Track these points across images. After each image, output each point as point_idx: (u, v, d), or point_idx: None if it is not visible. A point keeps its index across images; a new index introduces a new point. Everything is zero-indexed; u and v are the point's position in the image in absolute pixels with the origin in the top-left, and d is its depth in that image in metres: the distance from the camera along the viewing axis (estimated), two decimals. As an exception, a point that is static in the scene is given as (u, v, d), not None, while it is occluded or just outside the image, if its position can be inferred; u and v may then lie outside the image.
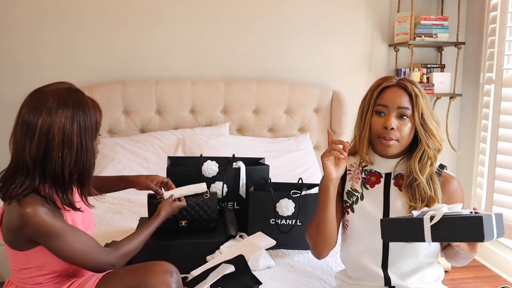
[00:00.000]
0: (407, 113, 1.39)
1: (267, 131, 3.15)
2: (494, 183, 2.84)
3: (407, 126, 1.39)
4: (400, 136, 1.39)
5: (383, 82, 1.43)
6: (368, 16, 3.28)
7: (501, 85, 2.82)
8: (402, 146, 1.41)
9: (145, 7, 3.05)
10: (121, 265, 1.44)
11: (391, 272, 1.45)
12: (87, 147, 1.34)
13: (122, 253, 1.44)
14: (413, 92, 1.39)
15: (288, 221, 1.85)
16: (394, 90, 1.41)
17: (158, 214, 1.62)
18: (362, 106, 1.46)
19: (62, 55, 3.00)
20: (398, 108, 1.39)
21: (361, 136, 1.45)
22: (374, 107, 1.42)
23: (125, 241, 1.48)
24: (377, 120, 1.41)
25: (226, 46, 3.16)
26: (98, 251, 1.38)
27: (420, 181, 1.39)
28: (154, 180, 1.76)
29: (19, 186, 1.29)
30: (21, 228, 1.28)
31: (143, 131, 3.05)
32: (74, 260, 1.35)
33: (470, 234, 1.14)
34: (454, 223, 1.16)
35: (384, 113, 1.40)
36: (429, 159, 1.41)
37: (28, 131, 1.28)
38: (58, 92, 1.32)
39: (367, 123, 1.43)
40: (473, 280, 2.91)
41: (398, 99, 1.39)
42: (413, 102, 1.39)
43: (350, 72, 3.29)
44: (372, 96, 1.43)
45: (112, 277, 1.36)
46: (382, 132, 1.40)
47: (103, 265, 1.39)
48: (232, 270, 1.58)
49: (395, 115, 1.39)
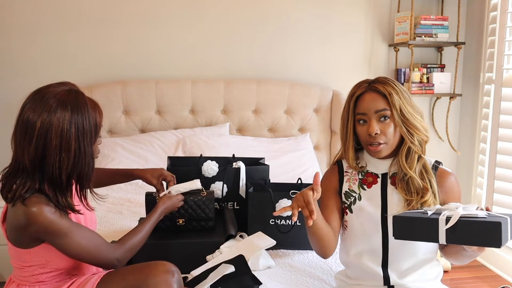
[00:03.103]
0: (387, 114, 1.40)
1: (267, 131, 3.15)
2: (494, 183, 2.84)
3: (390, 127, 1.41)
4: (386, 138, 1.41)
5: (357, 90, 1.45)
6: (368, 16, 3.28)
7: (501, 85, 2.83)
8: (392, 146, 1.43)
9: (145, 7, 3.05)
10: (127, 260, 1.46)
11: (391, 271, 1.45)
12: (86, 151, 1.33)
13: (128, 248, 1.45)
14: (386, 92, 1.40)
15: (288, 221, 1.85)
16: (368, 96, 1.43)
17: (156, 208, 1.63)
18: (343, 117, 1.49)
19: (62, 55, 3.00)
20: (376, 112, 1.41)
21: (346, 146, 1.49)
22: (355, 117, 1.45)
23: (129, 236, 1.49)
24: (361, 129, 1.44)
25: (226, 46, 3.16)
26: (104, 247, 1.39)
27: (410, 175, 1.41)
28: (159, 176, 1.77)
29: (21, 187, 1.29)
30: (26, 227, 1.28)
31: (143, 131, 3.05)
32: (81, 257, 1.36)
33: (487, 239, 1.10)
34: (471, 226, 1.12)
35: (365, 121, 1.42)
36: (415, 153, 1.43)
37: (27, 134, 1.28)
38: (58, 95, 1.31)
39: (349, 132, 1.47)
40: (473, 280, 2.91)
41: (373, 103, 1.41)
42: (389, 101, 1.40)
43: (350, 72, 3.29)
44: (349, 107, 1.46)
45: (114, 277, 1.37)
46: (369, 139, 1.42)
47: (109, 260, 1.40)
48: (232, 270, 1.58)
49: (375, 120, 1.41)
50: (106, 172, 1.82)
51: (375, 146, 1.41)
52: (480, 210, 1.20)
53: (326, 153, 3.20)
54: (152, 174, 1.77)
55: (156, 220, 1.61)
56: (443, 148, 3.40)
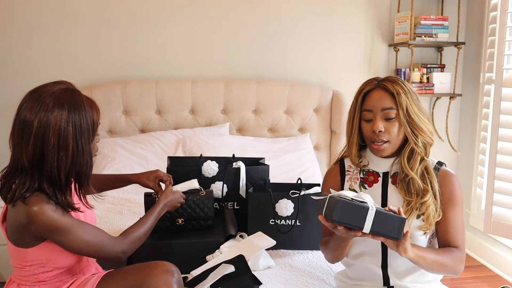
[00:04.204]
0: (393, 113, 1.40)
1: (267, 131, 3.15)
2: (494, 183, 2.84)
3: (395, 126, 1.41)
4: (390, 137, 1.41)
5: (366, 86, 1.45)
6: (368, 16, 3.28)
7: (501, 85, 2.82)
8: (395, 145, 1.43)
9: (145, 7, 3.05)
10: (131, 252, 1.47)
11: (391, 272, 1.45)
12: (83, 149, 1.34)
13: (132, 240, 1.46)
14: (394, 90, 1.40)
15: (288, 222, 1.85)
16: (376, 93, 1.43)
17: (159, 201, 1.64)
18: (350, 113, 1.49)
19: (62, 55, 3.00)
20: (382, 110, 1.41)
21: (350, 141, 1.49)
22: (361, 113, 1.44)
23: (132, 228, 1.50)
24: (366, 125, 1.44)
25: (226, 46, 3.16)
26: (108, 240, 1.40)
27: (411, 176, 1.41)
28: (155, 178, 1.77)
29: (20, 186, 1.29)
30: (28, 226, 1.28)
31: (143, 131, 3.05)
32: (85, 251, 1.37)
33: (393, 231, 1.23)
34: (385, 218, 1.23)
35: (371, 118, 1.42)
36: (418, 155, 1.42)
37: (24, 134, 1.28)
38: (54, 94, 1.31)
39: (354, 128, 1.47)
40: (473, 280, 2.91)
41: (381, 101, 1.41)
42: (396, 101, 1.40)
43: (350, 72, 3.29)
44: (357, 102, 1.46)
45: (113, 276, 1.37)
46: (372, 137, 1.42)
47: (113, 253, 1.41)
48: (232, 270, 1.58)
49: (381, 118, 1.41)
50: (102, 178, 1.82)
51: (379, 144, 1.41)
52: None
53: (326, 153, 3.20)
54: (148, 177, 1.77)
55: (159, 213, 1.62)
56: (443, 148, 3.39)
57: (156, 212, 1.61)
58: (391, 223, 1.23)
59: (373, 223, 1.23)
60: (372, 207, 1.23)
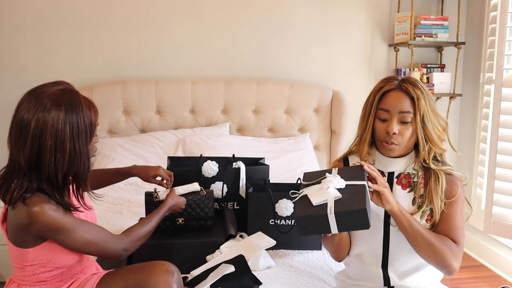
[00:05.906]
0: (409, 117, 1.39)
1: (267, 131, 3.15)
2: (494, 183, 2.84)
3: (408, 130, 1.39)
4: (402, 140, 1.40)
5: (385, 85, 1.42)
6: (368, 16, 3.28)
7: (501, 85, 2.82)
8: (404, 148, 1.43)
9: (145, 8, 3.05)
10: (133, 250, 1.47)
11: (391, 272, 1.45)
12: (81, 150, 1.33)
13: (134, 238, 1.47)
14: (415, 95, 1.38)
15: (288, 222, 1.85)
16: (395, 94, 1.40)
17: (165, 202, 1.66)
18: (365, 108, 1.47)
19: (62, 55, 3.00)
20: (399, 113, 1.39)
21: (362, 137, 1.47)
22: (377, 111, 1.42)
23: (135, 227, 1.51)
24: (380, 125, 1.42)
25: (226, 46, 3.16)
26: (109, 238, 1.40)
27: (440, 176, 1.42)
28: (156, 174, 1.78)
29: (18, 187, 1.29)
30: (29, 226, 1.28)
31: (143, 131, 3.05)
32: (87, 250, 1.37)
33: (359, 225, 1.26)
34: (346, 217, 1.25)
35: (386, 118, 1.41)
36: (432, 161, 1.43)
37: (22, 134, 1.28)
38: (52, 94, 1.31)
39: (369, 125, 1.44)
40: (473, 280, 2.91)
41: (400, 103, 1.39)
42: (415, 105, 1.38)
43: (350, 72, 3.29)
44: (374, 100, 1.43)
45: (113, 276, 1.37)
46: (385, 137, 1.41)
47: (115, 251, 1.41)
48: (232, 270, 1.58)
49: (397, 120, 1.39)
50: (103, 172, 1.84)
51: (389, 144, 1.41)
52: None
53: (326, 153, 3.20)
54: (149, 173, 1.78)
55: (164, 214, 1.63)
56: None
57: (161, 213, 1.61)
58: (355, 217, 1.25)
59: (337, 224, 1.26)
60: (330, 210, 1.25)
